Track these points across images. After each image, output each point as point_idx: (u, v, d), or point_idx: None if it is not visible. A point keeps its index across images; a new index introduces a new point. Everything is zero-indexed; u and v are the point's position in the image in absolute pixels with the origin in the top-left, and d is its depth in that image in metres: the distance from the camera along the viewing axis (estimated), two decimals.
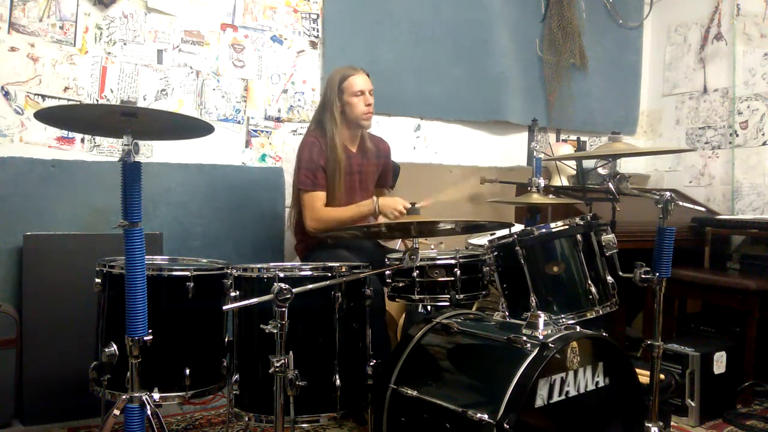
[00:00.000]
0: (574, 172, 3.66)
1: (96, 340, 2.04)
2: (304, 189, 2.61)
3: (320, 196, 2.60)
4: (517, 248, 2.02)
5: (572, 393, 1.66)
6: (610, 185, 2.32)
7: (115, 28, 2.87)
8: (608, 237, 2.04)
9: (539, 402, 1.58)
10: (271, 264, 2.00)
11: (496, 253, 2.11)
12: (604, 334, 1.87)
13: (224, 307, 1.98)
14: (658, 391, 1.95)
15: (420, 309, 2.43)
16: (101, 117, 1.69)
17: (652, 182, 4.39)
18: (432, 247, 2.69)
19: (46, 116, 1.66)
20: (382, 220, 2.61)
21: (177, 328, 1.96)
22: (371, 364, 1.99)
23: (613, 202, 2.45)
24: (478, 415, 1.55)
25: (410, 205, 2.51)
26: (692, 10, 4.15)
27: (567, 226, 2.04)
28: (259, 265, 1.94)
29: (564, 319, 1.95)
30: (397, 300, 2.28)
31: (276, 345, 1.57)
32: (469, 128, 3.87)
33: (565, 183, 3.73)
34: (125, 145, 1.51)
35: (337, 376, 1.88)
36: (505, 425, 1.50)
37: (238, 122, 3.18)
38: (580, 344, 1.68)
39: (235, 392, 1.93)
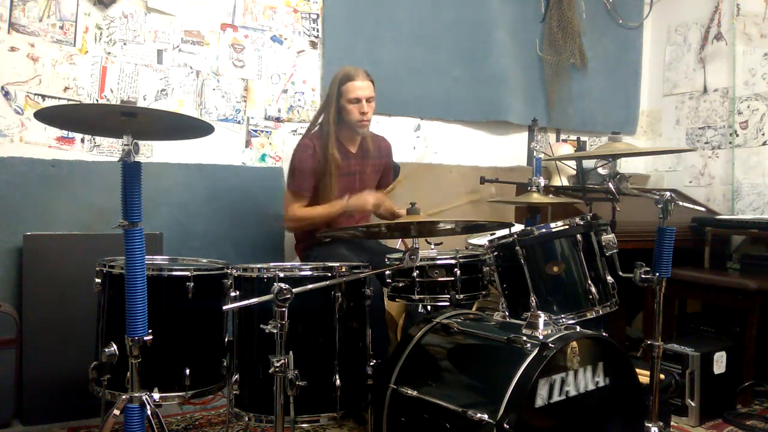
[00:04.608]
0: (574, 172, 3.65)
1: (96, 340, 2.04)
2: (289, 189, 2.65)
3: (301, 199, 2.62)
4: (517, 248, 2.02)
5: (572, 393, 1.66)
6: (610, 185, 2.32)
7: (115, 28, 2.87)
8: (608, 237, 2.04)
9: (539, 402, 1.58)
10: (271, 264, 1.99)
11: (496, 253, 2.11)
12: (604, 334, 1.87)
13: (224, 307, 1.98)
14: (658, 391, 1.95)
15: (420, 309, 2.43)
16: (101, 117, 1.69)
17: (652, 182, 4.39)
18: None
19: (46, 116, 1.66)
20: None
21: (177, 328, 1.96)
22: (371, 364, 1.99)
23: (613, 202, 2.44)
24: (478, 415, 1.55)
25: (380, 196, 2.55)
26: (692, 10, 4.15)
27: (567, 226, 2.04)
28: (259, 265, 1.94)
29: (564, 319, 1.95)
30: (397, 300, 2.28)
31: (276, 345, 1.57)
32: (469, 128, 3.87)
33: (565, 183, 3.73)
34: (125, 145, 1.51)
35: (337, 376, 1.87)
36: (505, 425, 1.50)
37: (238, 122, 3.18)
38: (580, 344, 1.68)
39: (235, 392, 1.93)
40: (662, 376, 2.34)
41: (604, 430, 1.79)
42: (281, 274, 1.86)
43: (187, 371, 1.92)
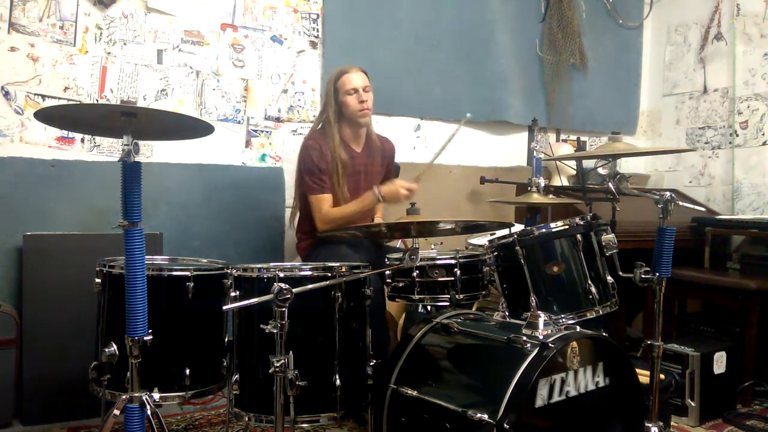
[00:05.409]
0: (574, 172, 3.66)
1: (96, 340, 2.04)
2: (311, 193, 2.62)
3: (327, 198, 2.62)
4: (517, 248, 2.02)
5: (572, 393, 1.66)
6: (610, 185, 2.33)
7: (115, 28, 2.87)
8: (608, 237, 2.04)
9: (539, 402, 1.58)
10: (271, 264, 1.99)
11: (496, 253, 2.11)
12: (604, 334, 1.87)
13: (224, 307, 1.98)
14: (658, 391, 1.96)
15: (420, 309, 2.43)
16: (101, 117, 1.69)
17: (652, 182, 4.39)
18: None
19: (46, 116, 1.67)
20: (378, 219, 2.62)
21: (177, 328, 1.95)
22: (371, 364, 1.99)
23: (613, 202, 2.45)
24: (478, 415, 1.55)
25: (414, 185, 2.52)
26: (692, 10, 4.15)
27: (567, 226, 2.04)
28: (259, 265, 1.94)
29: (564, 319, 1.95)
30: (397, 300, 2.28)
31: (276, 345, 1.57)
32: (469, 128, 3.86)
33: (565, 183, 3.73)
34: (125, 145, 1.51)
35: (337, 376, 1.87)
36: (505, 425, 1.50)
37: (238, 122, 3.18)
38: (580, 344, 1.68)
39: (235, 392, 1.93)
40: (662, 376, 2.34)
41: (604, 430, 1.79)
42: (281, 274, 1.86)
43: (187, 371, 1.92)
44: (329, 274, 1.90)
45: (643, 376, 1.92)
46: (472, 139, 3.87)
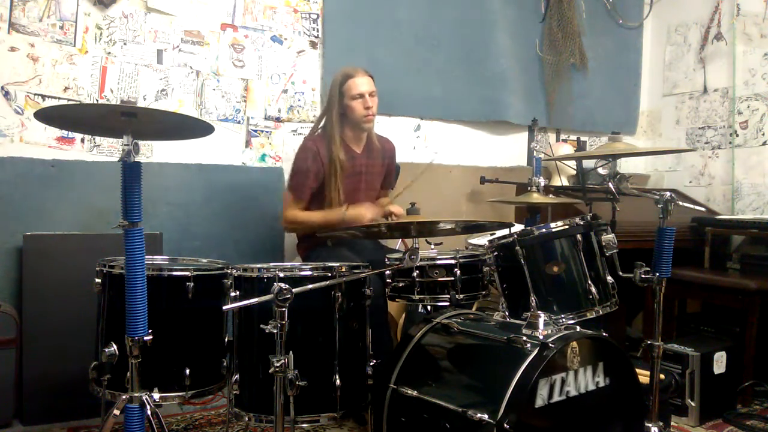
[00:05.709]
0: (574, 172, 3.66)
1: (96, 340, 2.04)
2: (288, 190, 2.66)
3: (300, 204, 2.63)
4: (517, 248, 2.02)
5: (572, 393, 1.66)
6: (610, 185, 2.32)
7: (115, 28, 2.87)
8: (608, 237, 2.04)
9: (539, 402, 1.58)
10: (271, 264, 2.00)
11: (496, 253, 2.11)
12: (604, 334, 1.87)
13: (224, 307, 1.98)
14: (658, 391, 1.96)
15: (420, 309, 2.43)
16: (101, 117, 1.69)
17: (652, 182, 4.40)
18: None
19: (46, 116, 1.67)
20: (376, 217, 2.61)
21: (177, 328, 1.96)
22: (371, 364, 1.99)
23: (613, 202, 2.45)
24: (478, 415, 1.55)
25: (379, 211, 2.53)
26: (692, 10, 4.15)
27: (567, 226, 2.04)
28: (259, 265, 1.94)
29: (564, 319, 1.95)
30: (397, 300, 2.28)
31: (276, 345, 1.57)
32: (469, 128, 3.87)
33: (565, 183, 3.73)
34: (125, 145, 1.51)
35: (337, 376, 1.87)
36: (506, 425, 1.50)
37: (238, 122, 3.18)
38: (580, 344, 1.68)
39: (235, 392, 1.93)
40: (662, 376, 2.34)
41: (604, 430, 1.79)
42: (281, 274, 1.86)
43: (187, 371, 1.92)
44: (329, 274, 1.90)
45: (643, 376, 1.92)
46: (472, 139, 3.88)
